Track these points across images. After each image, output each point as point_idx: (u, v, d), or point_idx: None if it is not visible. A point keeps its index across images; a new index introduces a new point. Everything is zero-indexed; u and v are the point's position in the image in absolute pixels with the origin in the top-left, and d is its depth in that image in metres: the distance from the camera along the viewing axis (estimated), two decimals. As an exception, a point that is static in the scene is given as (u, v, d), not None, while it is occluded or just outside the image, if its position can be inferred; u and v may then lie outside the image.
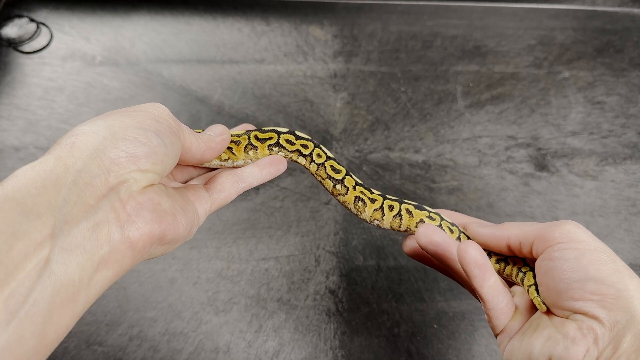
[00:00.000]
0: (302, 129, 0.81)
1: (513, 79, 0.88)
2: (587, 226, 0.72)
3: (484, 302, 0.38)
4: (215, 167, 0.44)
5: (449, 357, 0.61)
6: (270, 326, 0.63)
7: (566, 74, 0.89)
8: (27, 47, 0.88)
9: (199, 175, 0.45)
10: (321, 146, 0.45)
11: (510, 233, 0.38)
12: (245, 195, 0.74)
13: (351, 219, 0.72)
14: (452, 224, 0.44)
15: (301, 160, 0.45)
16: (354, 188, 0.44)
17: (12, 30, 0.89)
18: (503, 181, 0.76)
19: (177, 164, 0.36)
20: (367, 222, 0.45)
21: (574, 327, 0.33)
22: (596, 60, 0.91)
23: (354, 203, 0.44)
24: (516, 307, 0.39)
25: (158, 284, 0.66)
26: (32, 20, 0.90)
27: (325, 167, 0.44)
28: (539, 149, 0.80)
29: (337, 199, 0.45)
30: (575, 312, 0.33)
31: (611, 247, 0.72)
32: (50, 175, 0.25)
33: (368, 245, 0.70)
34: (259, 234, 0.70)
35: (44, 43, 0.88)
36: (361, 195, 0.44)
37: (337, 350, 0.62)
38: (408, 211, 0.44)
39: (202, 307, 0.64)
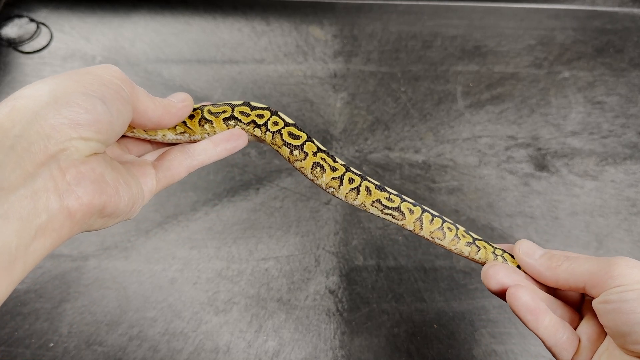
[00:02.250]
0: (302, 129, 0.81)
1: (513, 79, 0.88)
2: (587, 226, 0.72)
3: (543, 342, 0.38)
4: (172, 142, 0.42)
5: (449, 357, 0.61)
6: (270, 326, 0.63)
7: (566, 74, 0.89)
8: (27, 47, 0.88)
9: (154, 151, 0.42)
10: (279, 113, 0.43)
11: (560, 277, 0.37)
12: (245, 195, 0.74)
13: (351, 219, 0.72)
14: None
15: (257, 131, 0.42)
16: (315, 154, 0.42)
17: (12, 30, 0.89)
18: (503, 181, 0.76)
19: (134, 135, 0.35)
20: (322, 188, 0.43)
21: None
22: (596, 60, 0.91)
23: (311, 168, 0.42)
24: (580, 340, 0.38)
25: (158, 284, 0.66)
26: (32, 20, 0.90)
27: (281, 134, 0.42)
28: (539, 149, 0.80)
29: (294, 166, 0.43)
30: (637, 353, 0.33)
31: (611, 247, 0.73)
32: None
33: (368, 245, 0.70)
34: (259, 234, 0.70)
35: (44, 43, 0.88)
36: (321, 162, 0.42)
37: (337, 350, 0.62)
38: (367, 189, 0.42)
39: (202, 307, 0.64)
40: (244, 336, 0.62)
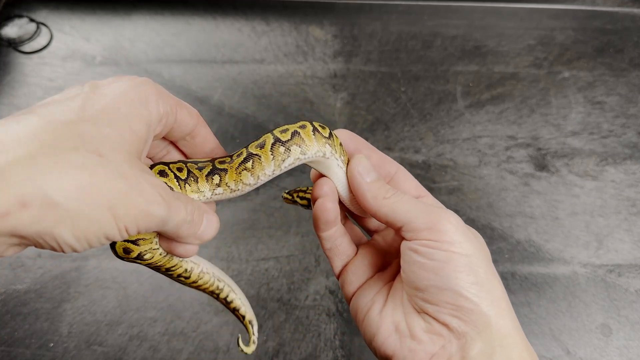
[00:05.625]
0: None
1: (513, 79, 0.88)
2: (587, 226, 0.72)
3: (322, 245, 0.39)
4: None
5: (449, 357, 0.62)
6: (270, 326, 0.63)
7: (566, 74, 0.89)
8: (27, 47, 0.88)
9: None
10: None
11: (381, 210, 0.34)
12: (245, 195, 0.74)
13: (351, 219, 0.72)
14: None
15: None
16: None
17: (12, 30, 0.89)
18: (503, 181, 0.76)
19: None
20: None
21: (422, 327, 0.33)
22: (596, 60, 0.91)
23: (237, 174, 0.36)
24: (357, 252, 0.40)
25: (158, 284, 0.66)
26: (32, 20, 0.90)
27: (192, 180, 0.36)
28: (539, 149, 0.80)
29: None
30: (427, 314, 0.33)
31: (611, 247, 0.73)
32: None
33: (368, 245, 0.70)
34: (259, 234, 0.70)
35: (44, 43, 0.88)
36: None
37: (337, 350, 0.62)
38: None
39: (202, 307, 0.64)
40: (244, 336, 0.62)
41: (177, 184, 0.34)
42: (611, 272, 0.68)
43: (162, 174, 0.34)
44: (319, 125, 0.36)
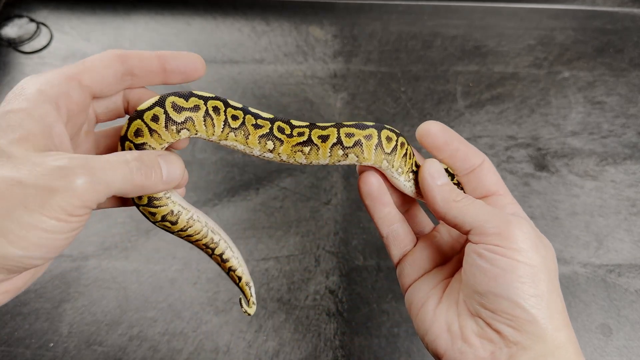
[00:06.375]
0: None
1: (513, 79, 0.88)
2: (587, 226, 0.72)
3: (378, 230, 0.40)
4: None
5: (449, 357, 0.62)
6: (270, 326, 0.63)
7: (566, 74, 0.89)
8: (27, 47, 0.88)
9: None
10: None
11: (451, 213, 0.35)
12: (245, 195, 0.74)
13: (351, 219, 0.72)
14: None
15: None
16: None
17: (12, 30, 0.89)
18: (503, 181, 0.76)
19: None
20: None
21: (474, 331, 0.33)
22: (596, 60, 0.91)
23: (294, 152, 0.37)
24: (417, 243, 0.40)
25: (158, 284, 0.66)
26: (32, 20, 0.90)
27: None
28: (539, 149, 0.80)
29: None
30: (481, 318, 0.33)
31: (611, 247, 0.73)
32: None
33: (368, 245, 0.70)
34: (259, 234, 0.70)
35: (44, 43, 0.88)
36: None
37: (337, 350, 0.62)
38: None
39: (202, 307, 0.64)
40: (244, 336, 0.62)
41: (222, 128, 0.35)
42: (611, 272, 0.68)
43: (216, 110, 0.35)
44: (386, 138, 0.37)
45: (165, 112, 0.33)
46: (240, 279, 0.43)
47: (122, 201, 0.37)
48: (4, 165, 0.25)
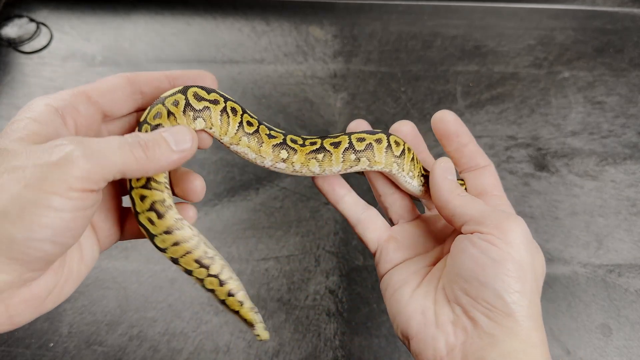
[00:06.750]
0: (302, 129, 0.81)
1: (513, 79, 0.88)
2: (587, 226, 0.72)
3: (348, 220, 0.42)
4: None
5: (449, 357, 0.61)
6: (270, 326, 0.63)
7: (566, 74, 0.89)
8: (27, 47, 0.88)
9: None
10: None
11: (453, 204, 0.35)
12: (245, 195, 0.74)
13: (351, 219, 0.72)
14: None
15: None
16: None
17: (12, 30, 0.89)
18: (503, 181, 0.76)
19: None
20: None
21: (449, 318, 0.33)
22: (596, 60, 0.91)
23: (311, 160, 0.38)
24: (400, 229, 0.41)
25: (158, 284, 0.66)
26: (32, 20, 0.90)
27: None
28: (539, 149, 0.80)
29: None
30: (459, 305, 0.33)
31: (611, 247, 0.73)
32: None
33: (368, 245, 0.70)
34: (259, 234, 0.70)
35: (44, 43, 0.88)
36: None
37: (337, 350, 0.62)
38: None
39: (202, 307, 0.64)
40: (244, 336, 0.62)
41: (236, 130, 0.36)
42: (611, 272, 0.68)
43: (233, 111, 0.36)
44: (394, 142, 0.39)
45: (186, 99, 0.34)
46: (242, 304, 0.36)
47: (121, 233, 0.37)
48: (3, 160, 0.26)
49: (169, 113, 0.33)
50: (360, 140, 0.38)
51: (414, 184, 0.40)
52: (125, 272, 0.66)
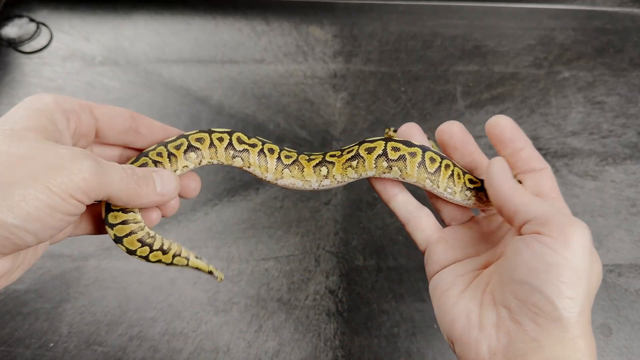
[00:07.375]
0: (302, 129, 0.81)
1: (513, 79, 0.88)
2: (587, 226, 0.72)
3: (399, 218, 0.42)
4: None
5: (449, 357, 0.61)
6: (270, 326, 0.63)
7: (566, 74, 0.89)
8: (27, 47, 0.88)
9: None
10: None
11: (518, 198, 0.34)
12: (245, 195, 0.74)
13: (351, 219, 0.72)
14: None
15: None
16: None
17: (12, 30, 0.89)
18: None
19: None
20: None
21: (492, 321, 0.33)
22: (596, 60, 0.91)
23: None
24: (452, 231, 0.41)
25: (158, 284, 0.66)
26: (32, 20, 0.90)
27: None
28: (539, 149, 0.80)
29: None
30: (506, 308, 0.32)
31: (611, 247, 0.73)
32: None
33: (368, 245, 0.70)
34: (259, 234, 0.70)
35: (44, 43, 0.88)
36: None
37: (337, 350, 0.62)
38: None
39: (202, 307, 0.64)
40: (244, 336, 0.62)
41: (275, 165, 0.40)
42: (611, 272, 0.68)
43: (270, 151, 0.40)
44: (429, 158, 0.39)
45: (230, 139, 0.41)
46: (187, 259, 0.41)
47: (97, 227, 0.39)
48: (19, 145, 0.28)
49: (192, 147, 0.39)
50: (395, 149, 0.38)
51: (456, 199, 0.40)
52: (125, 272, 0.66)
